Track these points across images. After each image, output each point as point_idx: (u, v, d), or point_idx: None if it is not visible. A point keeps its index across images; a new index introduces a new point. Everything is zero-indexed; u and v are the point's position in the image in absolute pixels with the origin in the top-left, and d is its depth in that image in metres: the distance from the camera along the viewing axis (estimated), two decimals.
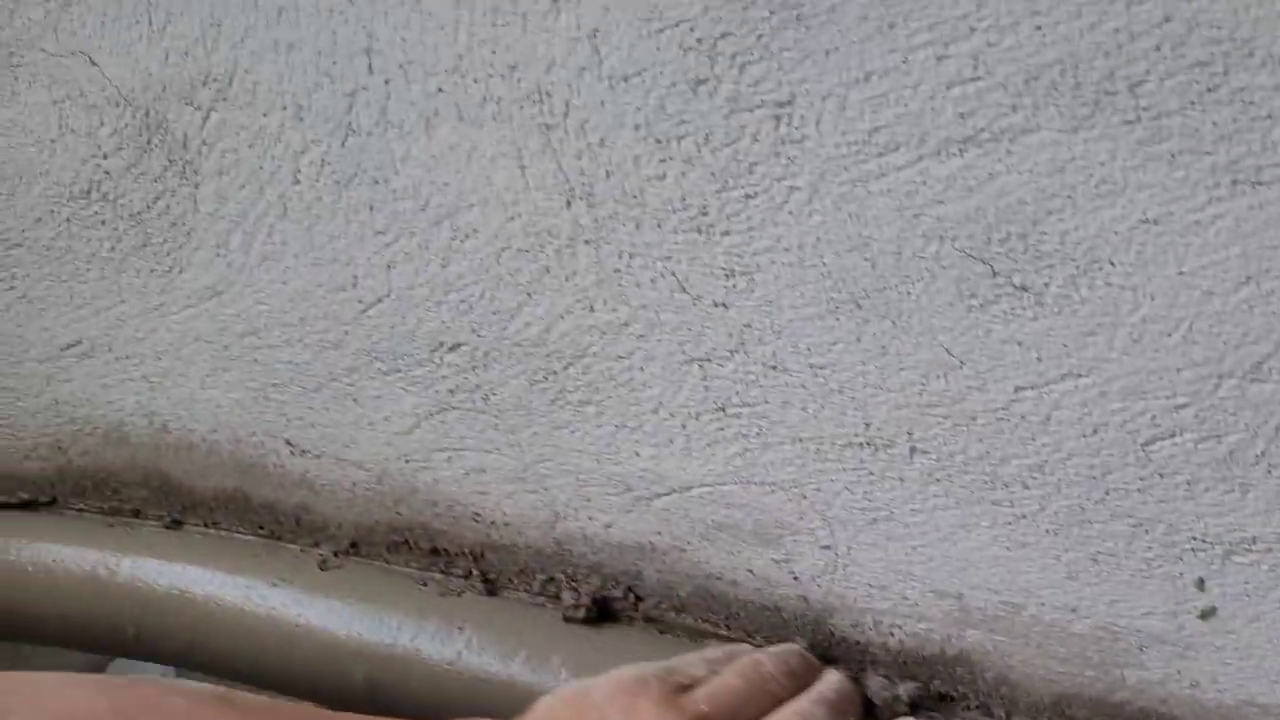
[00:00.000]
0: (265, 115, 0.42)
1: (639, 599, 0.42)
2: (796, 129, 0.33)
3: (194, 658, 0.46)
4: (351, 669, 0.43)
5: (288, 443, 0.46)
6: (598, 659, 0.40)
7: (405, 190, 0.41)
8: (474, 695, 0.42)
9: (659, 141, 0.36)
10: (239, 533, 0.49)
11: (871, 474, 0.37)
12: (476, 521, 0.44)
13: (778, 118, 0.34)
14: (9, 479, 0.52)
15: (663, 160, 0.36)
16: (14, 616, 0.48)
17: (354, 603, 0.45)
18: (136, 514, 0.50)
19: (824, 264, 0.35)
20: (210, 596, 0.47)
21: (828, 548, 0.39)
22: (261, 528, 0.48)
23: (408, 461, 0.45)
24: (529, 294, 0.41)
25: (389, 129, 0.41)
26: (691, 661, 0.37)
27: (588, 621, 0.42)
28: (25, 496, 0.52)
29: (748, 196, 0.36)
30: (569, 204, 0.39)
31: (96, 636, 0.47)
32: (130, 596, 0.47)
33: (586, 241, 0.39)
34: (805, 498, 0.39)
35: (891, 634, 0.39)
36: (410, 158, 0.41)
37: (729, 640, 0.42)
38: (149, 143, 0.44)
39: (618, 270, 0.39)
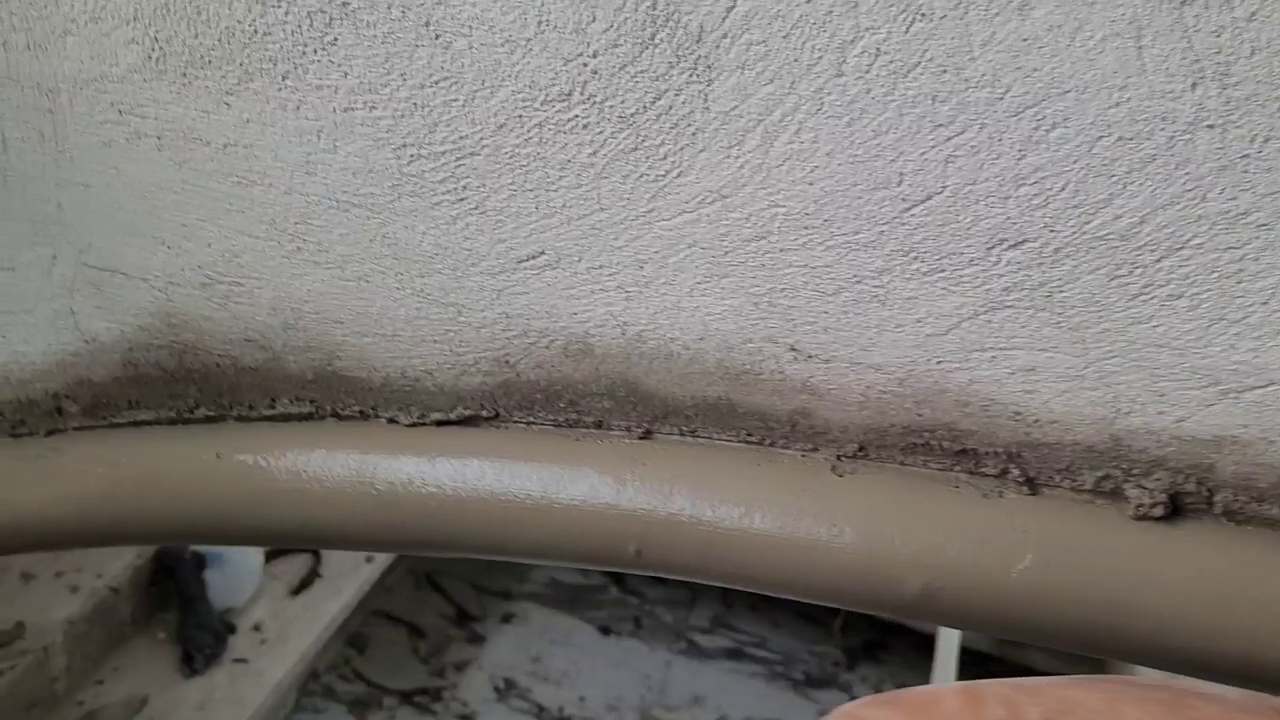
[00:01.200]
0: (808, 2, 0.38)
1: (1212, 492, 0.41)
2: None
3: (704, 571, 0.46)
4: (905, 578, 0.42)
5: (791, 349, 0.45)
6: (1176, 557, 0.40)
7: (980, 79, 0.38)
8: (1039, 610, 0.42)
9: None
10: (720, 440, 0.48)
11: None
12: (1015, 420, 0.43)
13: None
14: (446, 395, 0.51)
15: None
16: (504, 535, 0.47)
17: (890, 508, 0.43)
18: (599, 425, 0.49)
19: None
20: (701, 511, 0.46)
21: None
22: (750, 434, 0.48)
23: (939, 363, 0.43)
24: (1124, 185, 0.38)
25: (969, 11, 0.37)
26: None
27: (1160, 518, 0.41)
28: (465, 412, 0.50)
29: None
30: (1194, 86, 0.35)
31: (594, 554, 0.46)
32: (630, 516, 0.46)
33: (1210, 126, 0.36)
34: None
35: None
36: (993, 42, 0.37)
37: None
38: (653, 38, 0.40)
39: (1245, 156, 0.36)
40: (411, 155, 0.48)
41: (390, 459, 0.52)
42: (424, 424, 0.53)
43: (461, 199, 0.48)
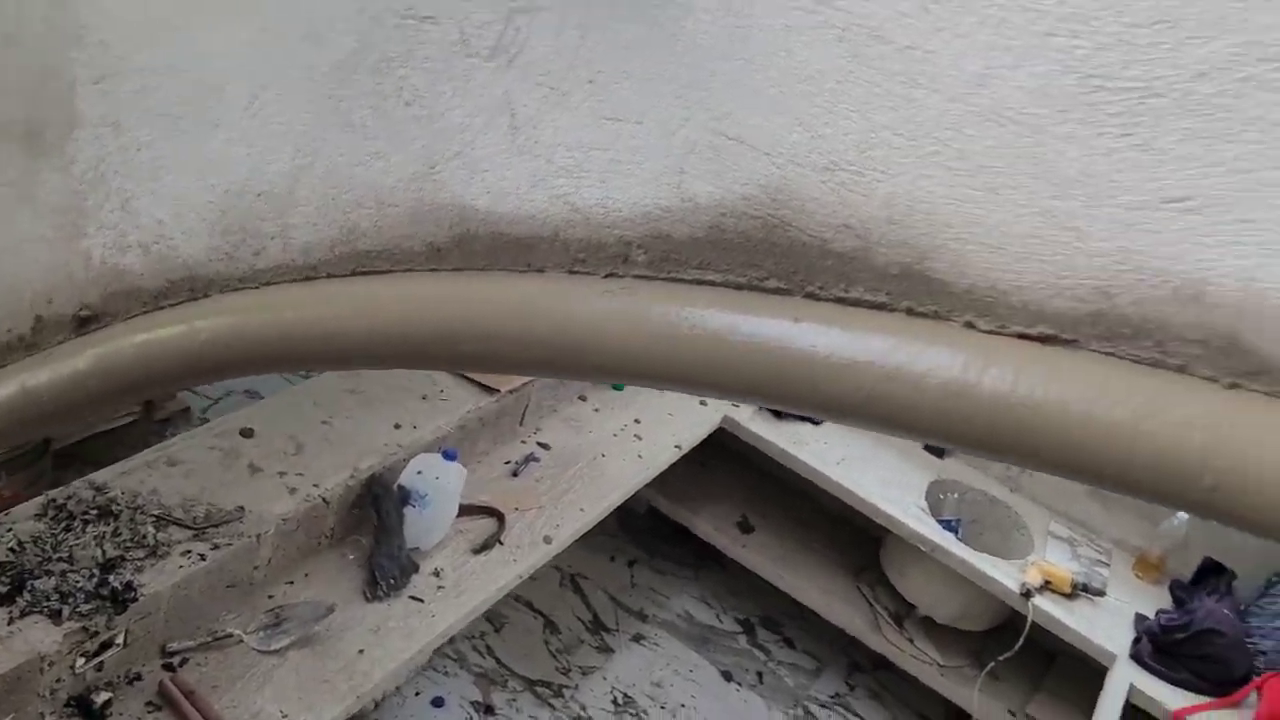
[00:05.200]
0: None
1: None
2: None
3: (1270, 525, 0.48)
4: None
5: None
6: None
7: None
8: None
9: None
10: None
11: None
12: None
13: None
14: (1030, 312, 0.55)
15: None
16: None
17: None
18: (1181, 369, 0.53)
19: None
20: None
21: None
22: None
23: None
24: None
25: None
26: None
27: None
28: (1046, 331, 0.54)
29: None
30: None
31: (1162, 484, 0.49)
32: (1219, 453, 0.49)
33: None
34: None
35: None
36: None
37: None
38: None
39: None
40: (1096, 86, 0.53)
41: (967, 358, 0.57)
42: (1001, 334, 0.58)
43: (1129, 134, 0.53)
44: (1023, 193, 0.57)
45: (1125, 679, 2.57)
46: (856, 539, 3.10)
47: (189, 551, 1.87)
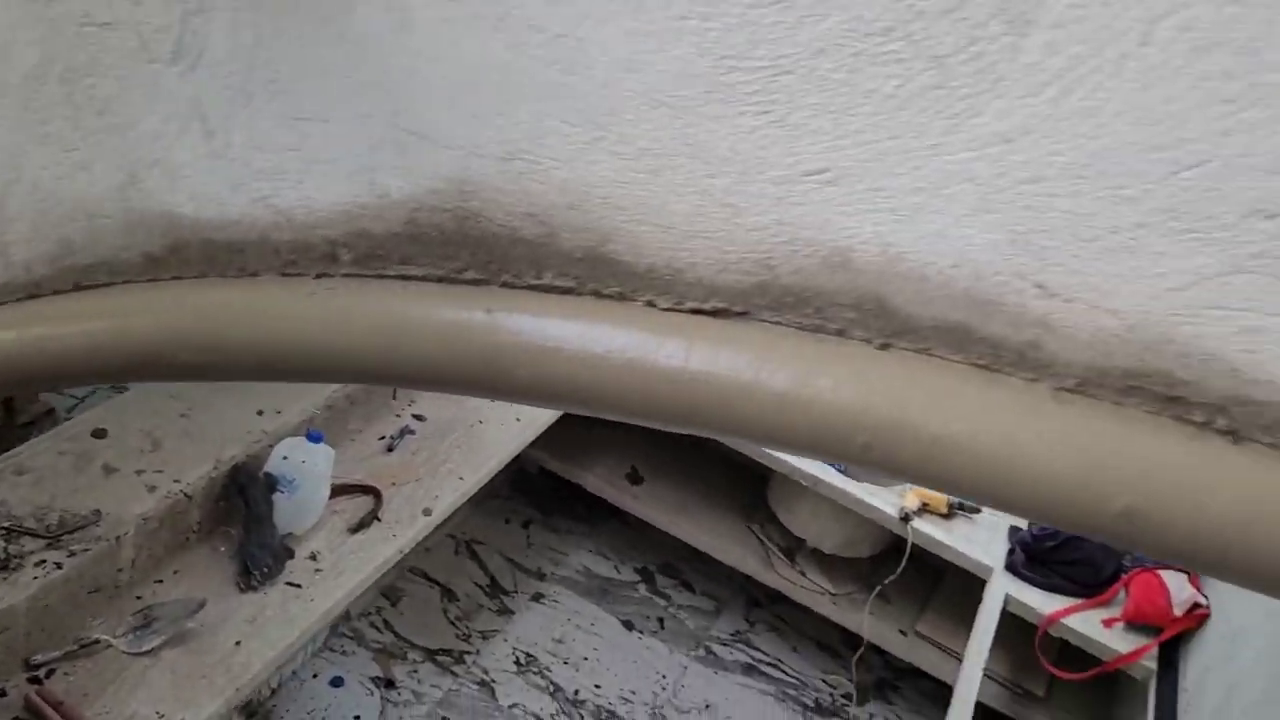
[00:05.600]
0: None
1: None
2: None
3: (921, 475, 0.52)
4: (1111, 498, 0.48)
5: (1038, 285, 0.51)
6: None
7: (1276, 63, 0.43)
8: (1227, 545, 0.47)
9: None
10: (951, 360, 0.54)
11: None
12: (1232, 377, 0.49)
13: None
14: (704, 288, 0.57)
15: None
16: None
17: (1102, 437, 0.49)
18: (840, 333, 0.55)
19: None
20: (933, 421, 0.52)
21: None
22: (979, 359, 0.53)
23: (1172, 314, 0.49)
24: None
25: None
26: None
27: None
28: (720, 305, 0.56)
29: None
30: None
31: (824, 444, 0.52)
32: (865, 414, 0.52)
33: None
34: None
35: None
36: None
37: None
38: None
39: None
40: (730, 66, 0.54)
41: (646, 336, 0.58)
42: (679, 310, 0.60)
43: (766, 111, 0.55)
44: (681, 173, 0.58)
45: (1001, 589, 2.70)
46: (744, 480, 3.16)
47: (43, 561, 1.83)
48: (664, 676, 2.87)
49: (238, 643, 1.96)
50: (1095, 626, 2.65)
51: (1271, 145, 0.47)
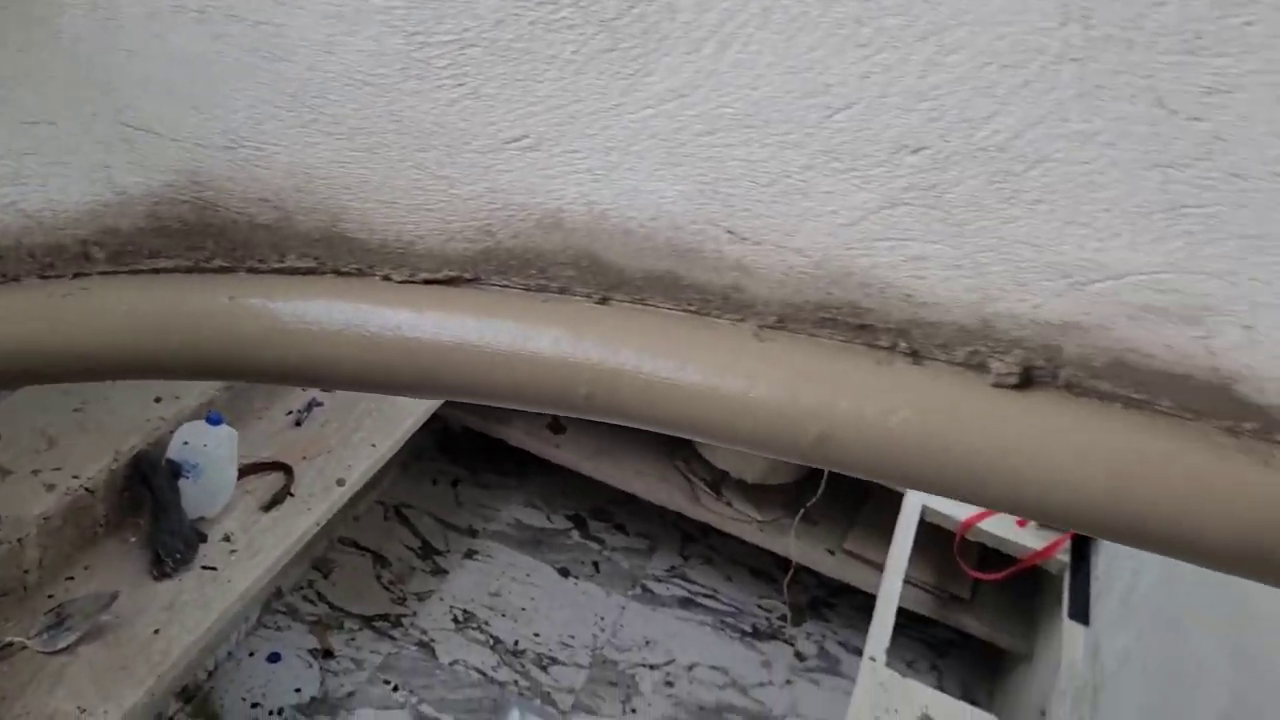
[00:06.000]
0: None
1: (1057, 368, 0.50)
2: None
3: (641, 416, 0.55)
4: (806, 427, 0.51)
5: (729, 231, 0.53)
6: (1024, 419, 0.49)
7: (895, 8, 0.46)
8: (911, 456, 0.50)
9: None
10: (665, 308, 0.56)
11: None
12: (906, 301, 0.52)
13: None
14: (434, 258, 0.59)
15: None
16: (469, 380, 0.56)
17: (798, 369, 0.52)
18: (563, 291, 0.58)
19: None
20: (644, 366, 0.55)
21: (1249, 327, 0.47)
22: (690, 305, 0.56)
23: (848, 249, 0.52)
24: (1003, 104, 0.47)
25: None
26: None
27: (1015, 387, 0.50)
28: (450, 273, 0.58)
29: (1247, 25, 0.41)
30: (1063, 24, 0.44)
31: (552, 398, 0.55)
32: (584, 365, 0.54)
33: (1074, 59, 0.45)
34: (1237, 285, 0.47)
35: None
36: None
37: (1134, 403, 0.50)
38: None
39: (1099, 86, 0.45)
40: (420, 42, 0.56)
41: (383, 309, 0.61)
42: (413, 282, 0.62)
43: (460, 84, 0.57)
44: (395, 150, 0.60)
45: (918, 500, 2.78)
46: None
47: None
48: (602, 618, 2.94)
49: (156, 631, 1.98)
50: (1010, 527, 2.75)
51: (904, 85, 0.49)
